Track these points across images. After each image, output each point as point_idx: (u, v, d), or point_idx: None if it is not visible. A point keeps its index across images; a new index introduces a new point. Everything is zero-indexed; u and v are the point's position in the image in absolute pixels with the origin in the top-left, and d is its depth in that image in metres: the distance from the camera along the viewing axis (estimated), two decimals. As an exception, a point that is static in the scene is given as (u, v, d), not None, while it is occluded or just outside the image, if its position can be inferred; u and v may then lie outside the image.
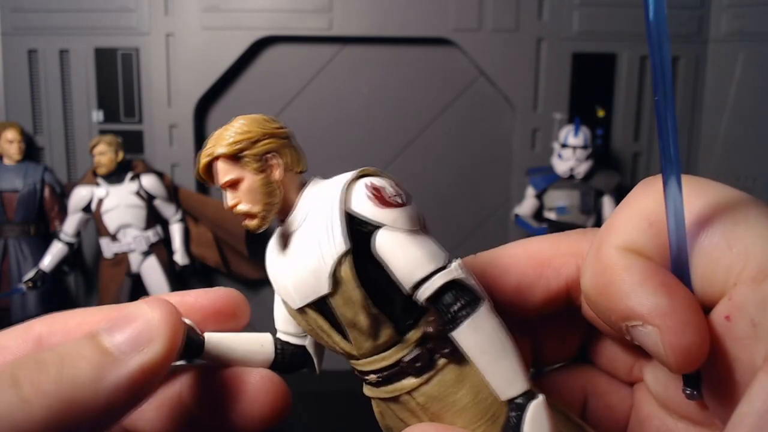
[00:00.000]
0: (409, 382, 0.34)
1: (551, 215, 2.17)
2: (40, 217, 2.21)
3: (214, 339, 0.38)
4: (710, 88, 2.33)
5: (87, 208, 2.10)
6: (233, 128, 0.38)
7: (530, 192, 2.22)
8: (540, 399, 0.31)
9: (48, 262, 2.08)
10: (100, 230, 2.11)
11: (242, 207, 0.36)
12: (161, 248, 2.18)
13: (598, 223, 2.19)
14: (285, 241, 0.37)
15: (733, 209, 0.28)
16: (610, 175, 2.20)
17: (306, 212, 0.36)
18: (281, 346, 0.39)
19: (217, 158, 0.37)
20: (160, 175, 2.22)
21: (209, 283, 2.43)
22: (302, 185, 0.38)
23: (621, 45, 2.29)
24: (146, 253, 2.14)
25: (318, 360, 0.40)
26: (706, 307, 0.29)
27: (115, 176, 2.10)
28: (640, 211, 0.31)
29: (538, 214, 2.23)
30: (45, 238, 2.19)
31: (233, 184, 0.36)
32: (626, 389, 0.38)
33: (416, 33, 2.28)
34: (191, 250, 2.27)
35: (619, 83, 2.32)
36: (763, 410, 0.24)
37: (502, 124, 2.38)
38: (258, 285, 2.46)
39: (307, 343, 0.39)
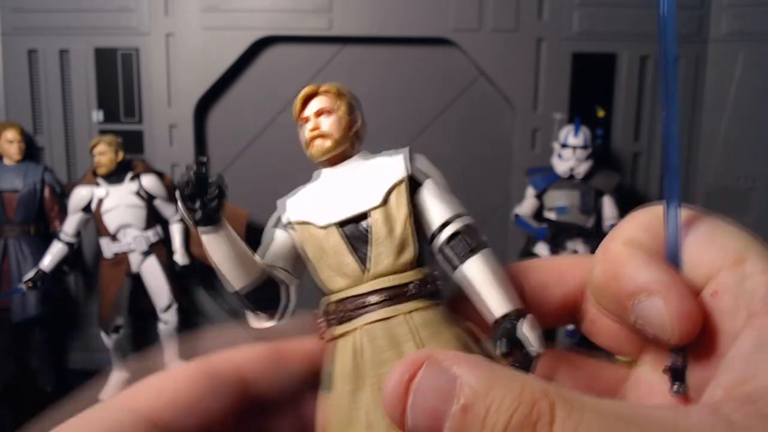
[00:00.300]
0: (411, 304, 0.38)
1: (551, 215, 2.17)
2: (40, 217, 2.21)
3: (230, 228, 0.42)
4: (710, 88, 2.33)
5: (87, 208, 2.10)
6: (336, 83, 0.46)
7: (530, 192, 2.22)
8: (530, 314, 0.37)
9: (48, 262, 2.08)
10: (100, 230, 2.11)
11: (326, 128, 0.43)
12: (161, 248, 2.18)
13: (598, 223, 2.19)
14: (332, 179, 0.43)
15: (711, 219, 0.36)
16: (610, 175, 2.20)
17: (360, 163, 0.44)
18: (267, 273, 0.42)
19: (323, 92, 0.44)
20: (160, 175, 2.22)
21: (209, 283, 2.43)
22: (360, 148, 0.46)
23: (621, 45, 2.29)
24: (146, 253, 2.14)
25: (293, 305, 0.43)
26: (695, 292, 0.34)
27: (115, 176, 2.10)
28: (640, 221, 0.37)
29: (538, 214, 2.23)
30: (45, 238, 2.19)
31: (326, 113, 0.44)
32: (595, 364, 0.43)
33: (416, 33, 2.28)
34: (191, 250, 2.26)
35: (619, 83, 2.32)
36: (751, 349, 0.29)
37: (502, 124, 2.38)
38: (258, 285, 2.46)
39: (293, 284, 0.43)
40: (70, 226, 2.11)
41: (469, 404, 0.27)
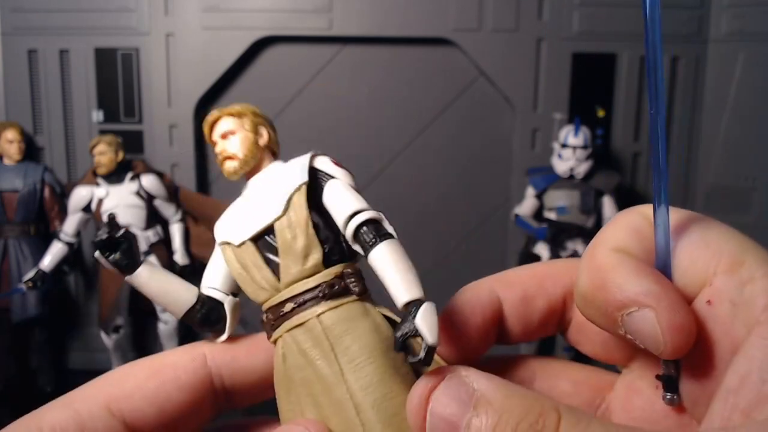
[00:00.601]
0: (321, 306, 0.40)
1: (551, 215, 2.17)
2: (40, 217, 2.21)
3: (155, 264, 0.46)
4: (710, 88, 2.33)
5: (87, 208, 2.10)
6: (239, 104, 0.49)
7: (530, 192, 2.22)
8: (430, 302, 0.36)
9: (48, 262, 2.08)
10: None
11: (231, 150, 0.46)
12: (161, 248, 2.18)
13: (598, 223, 2.19)
14: (249, 192, 0.46)
15: (704, 221, 0.34)
16: (610, 175, 2.20)
17: (271, 174, 0.46)
18: (203, 298, 0.45)
19: (225, 115, 0.48)
20: (160, 175, 2.22)
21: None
22: (275, 158, 0.48)
23: (621, 45, 2.29)
24: (146, 253, 2.14)
25: (231, 321, 0.44)
26: (688, 300, 0.32)
27: (115, 176, 2.10)
28: (627, 224, 0.35)
29: (538, 214, 2.23)
30: (45, 238, 2.19)
31: (230, 134, 0.46)
32: (577, 370, 0.41)
33: (416, 33, 2.28)
34: (191, 250, 2.26)
35: (619, 83, 2.32)
36: (765, 364, 0.27)
37: (502, 124, 2.38)
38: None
39: (226, 302, 0.45)
40: (70, 226, 2.11)
41: (483, 412, 0.29)
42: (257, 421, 0.43)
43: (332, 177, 0.44)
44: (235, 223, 0.45)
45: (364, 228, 0.40)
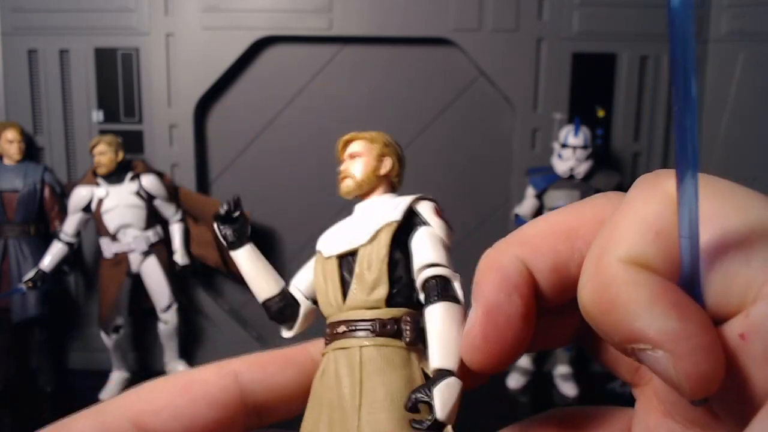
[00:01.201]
0: (369, 340, 0.41)
1: (551, 215, 2.17)
2: (40, 217, 2.21)
3: (256, 249, 0.51)
4: (710, 88, 2.33)
5: (87, 208, 2.10)
6: (376, 132, 0.51)
7: (530, 192, 2.22)
8: (457, 378, 0.37)
9: (48, 262, 2.08)
10: (100, 230, 2.11)
11: (351, 170, 0.48)
12: (161, 248, 2.18)
13: (598, 223, 2.19)
14: (355, 214, 0.48)
15: (752, 217, 0.25)
16: (610, 175, 2.20)
17: (378, 203, 0.48)
18: (286, 293, 0.49)
19: (359, 138, 0.50)
20: (160, 175, 2.22)
21: (209, 283, 2.43)
22: (390, 190, 0.50)
23: (621, 45, 2.29)
24: (146, 253, 2.14)
25: (301, 322, 0.48)
26: (717, 323, 0.26)
27: (115, 176, 2.10)
28: (645, 218, 0.27)
29: (538, 214, 2.23)
30: (45, 238, 2.19)
31: (356, 156, 0.49)
32: (625, 417, 0.36)
33: (416, 33, 2.28)
34: (191, 250, 2.26)
35: (619, 83, 2.33)
36: None
37: (502, 124, 2.38)
38: (258, 285, 2.46)
39: (304, 304, 0.48)
40: (70, 226, 2.11)
41: None
42: None
43: (427, 224, 0.45)
44: (333, 238, 0.47)
45: (432, 282, 0.41)
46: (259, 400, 0.41)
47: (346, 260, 0.44)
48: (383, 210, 0.46)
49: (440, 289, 0.41)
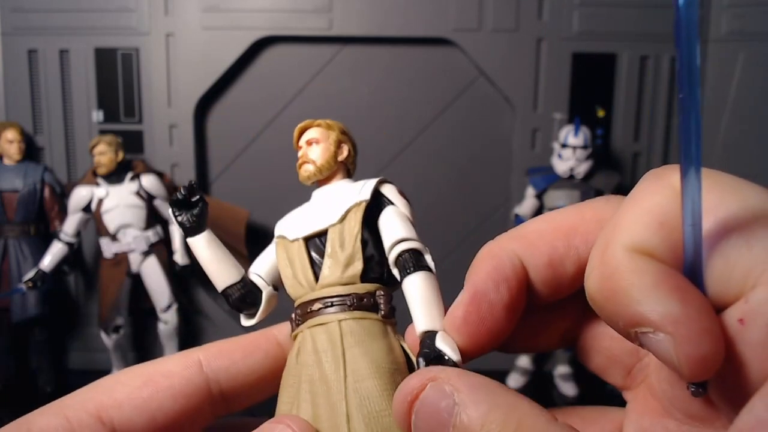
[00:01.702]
0: (346, 314, 0.42)
1: (551, 215, 2.17)
2: (40, 217, 2.21)
3: (215, 237, 0.50)
4: (710, 88, 2.33)
5: (87, 208, 2.10)
6: (331, 120, 0.53)
7: (530, 192, 2.22)
8: (443, 331, 0.38)
9: (48, 262, 2.08)
10: (100, 230, 2.11)
11: (311, 156, 0.49)
12: (161, 248, 2.18)
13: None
14: (314, 200, 0.49)
15: (753, 207, 0.27)
16: (610, 175, 2.20)
17: (339, 187, 0.49)
18: (246, 280, 0.48)
19: (315, 125, 0.51)
20: (160, 175, 2.22)
21: (209, 283, 2.43)
22: (347, 176, 0.51)
23: (621, 45, 2.29)
24: (146, 253, 2.14)
25: (263, 309, 0.47)
26: (719, 309, 0.27)
27: (115, 176, 2.10)
28: (650, 209, 0.29)
29: (538, 214, 2.23)
30: (45, 238, 2.19)
31: (314, 143, 0.50)
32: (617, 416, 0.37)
33: (416, 33, 2.28)
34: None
35: (619, 83, 2.32)
36: (764, 417, 0.23)
37: (502, 124, 2.38)
38: (258, 285, 2.46)
39: (265, 291, 0.47)
40: (70, 226, 2.11)
41: (464, 430, 0.28)
42: (255, 421, 0.43)
43: (392, 203, 0.46)
44: (294, 223, 0.48)
45: (406, 255, 0.42)
46: (225, 388, 0.41)
47: (314, 242, 0.45)
48: (347, 193, 0.47)
49: (414, 261, 0.42)
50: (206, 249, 0.49)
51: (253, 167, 2.40)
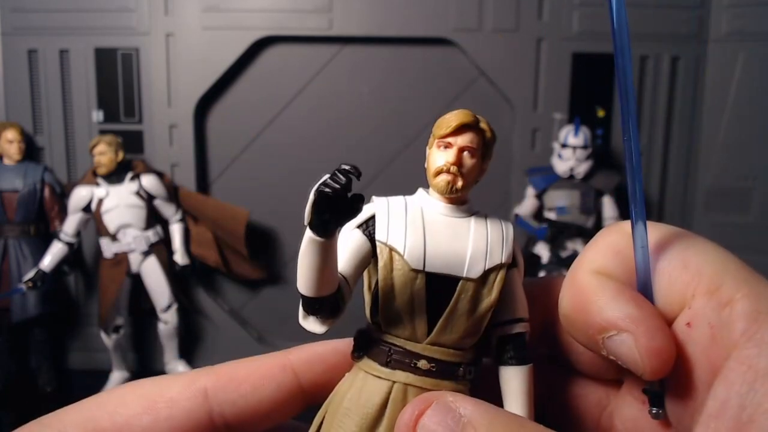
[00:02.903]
0: (456, 385, 0.39)
1: (551, 215, 2.17)
2: (40, 217, 2.21)
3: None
4: (710, 88, 2.33)
5: (87, 208, 2.10)
6: (490, 126, 0.45)
7: (530, 192, 2.22)
8: None
9: (48, 262, 2.08)
10: (100, 230, 2.11)
11: (466, 167, 0.42)
12: (161, 248, 2.18)
13: (598, 223, 2.19)
14: (444, 218, 0.42)
15: (685, 239, 0.34)
16: (610, 175, 2.20)
17: (473, 220, 0.43)
18: (341, 285, 0.40)
19: (482, 129, 0.43)
20: (160, 175, 2.22)
21: (209, 283, 2.43)
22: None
23: (621, 45, 2.29)
24: (146, 253, 2.14)
25: (337, 318, 0.41)
26: (668, 321, 0.33)
27: (115, 176, 2.10)
28: (608, 244, 0.36)
29: (538, 214, 2.23)
30: (45, 238, 2.19)
31: (467, 152, 0.42)
32: (599, 390, 0.41)
33: (416, 33, 2.28)
34: (191, 250, 2.26)
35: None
36: (743, 389, 0.28)
37: (502, 124, 2.38)
38: (257, 285, 2.46)
39: (347, 299, 0.41)
40: (70, 226, 2.11)
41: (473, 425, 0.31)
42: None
43: (516, 265, 0.42)
44: (414, 239, 0.40)
45: (520, 339, 0.40)
46: (229, 420, 0.39)
47: (438, 281, 0.39)
48: (488, 237, 0.41)
49: (520, 350, 0.40)
50: (331, 253, 0.38)
51: (253, 167, 2.40)
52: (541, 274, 2.17)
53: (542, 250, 2.17)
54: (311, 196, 0.35)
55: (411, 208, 0.42)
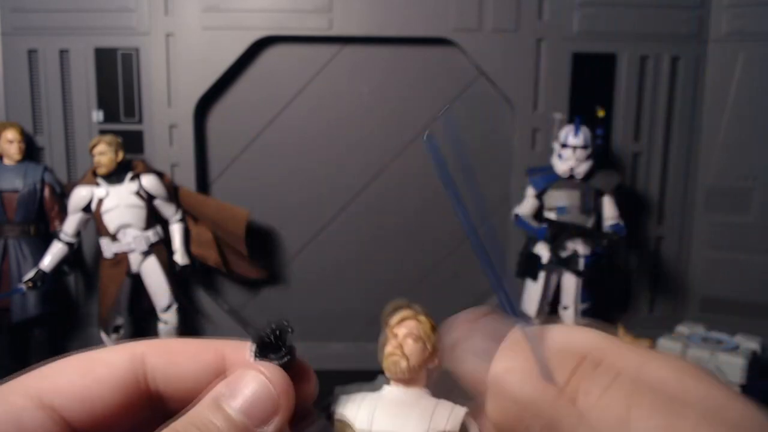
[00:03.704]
0: None
1: (551, 215, 2.17)
2: (40, 217, 2.21)
3: None
4: (710, 88, 2.33)
5: (87, 208, 2.10)
6: (429, 319, 0.47)
7: (530, 192, 2.22)
8: None
9: (48, 262, 2.08)
10: (100, 230, 2.11)
11: (407, 350, 0.46)
12: (161, 248, 2.18)
13: (598, 223, 2.19)
14: (392, 398, 0.46)
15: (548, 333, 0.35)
16: (610, 175, 2.19)
17: (418, 399, 0.45)
18: None
19: (421, 321, 0.46)
20: (160, 175, 2.22)
21: (209, 283, 2.43)
22: (426, 383, 0.47)
23: (621, 45, 2.29)
24: (146, 253, 2.14)
25: None
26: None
27: (115, 176, 2.10)
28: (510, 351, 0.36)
29: (538, 214, 2.23)
30: (45, 238, 2.19)
31: (411, 338, 0.46)
32: None
33: (416, 33, 2.28)
34: (191, 250, 2.26)
35: (619, 83, 2.32)
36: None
37: (502, 124, 2.38)
38: (257, 284, 2.46)
39: None
40: (70, 226, 2.11)
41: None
42: None
43: None
44: (366, 416, 0.45)
45: None
46: (162, 388, 0.40)
47: None
48: (429, 412, 0.44)
49: None
50: None
51: (253, 167, 2.40)
52: (541, 274, 2.17)
53: (542, 250, 2.17)
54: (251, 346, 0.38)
55: (372, 394, 0.46)
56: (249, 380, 0.37)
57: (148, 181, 2.13)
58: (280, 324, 0.38)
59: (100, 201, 2.08)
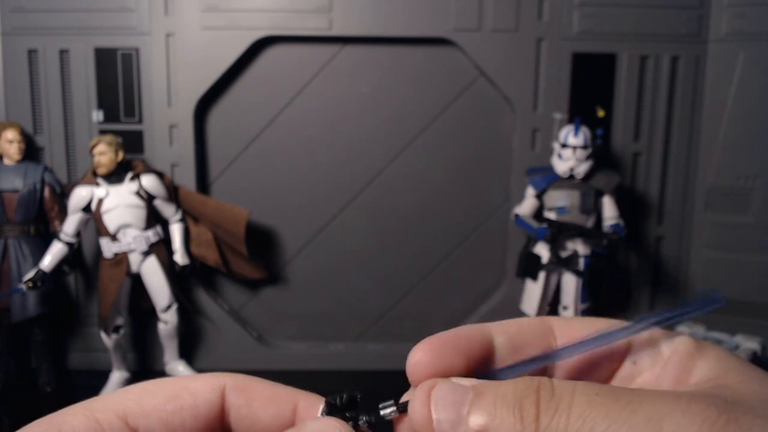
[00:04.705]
0: None
1: (551, 215, 2.17)
2: (40, 217, 2.21)
3: None
4: (710, 88, 2.33)
5: (87, 208, 2.10)
6: None
7: (530, 192, 2.22)
8: None
9: (48, 262, 2.08)
10: (100, 230, 2.11)
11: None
12: (161, 248, 2.18)
13: (598, 223, 2.19)
14: None
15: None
16: (610, 175, 2.20)
17: None
18: None
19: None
20: (160, 175, 2.22)
21: (209, 283, 2.43)
22: None
23: (621, 45, 2.29)
24: (146, 253, 2.14)
25: None
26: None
27: (115, 176, 2.10)
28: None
29: (538, 214, 2.23)
30: (45, 238, 2.19)
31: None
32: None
33: (416, 33, 2.28)
34: (191, 250, 2.26)
35: (619, 83, 2.32)
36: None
37: (502, 124, 2.38)
38: (257, 284, 2.46)
39: None
40: (70, 226, 2.11)
41: (481, 390, 0.35)
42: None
43: None
44: None
45: None
46: (233, 425, 0.41)
47: None
48: None
49: None
50: None
51: (253, 167, 2.40)
52: (541, 274, 2.17)
53: (542, 250, 2.17)
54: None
55: None
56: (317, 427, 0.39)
57: (148, 181, 2.13)
58: (353, 394, 0.43)
59: (100, 201, 2.08)
